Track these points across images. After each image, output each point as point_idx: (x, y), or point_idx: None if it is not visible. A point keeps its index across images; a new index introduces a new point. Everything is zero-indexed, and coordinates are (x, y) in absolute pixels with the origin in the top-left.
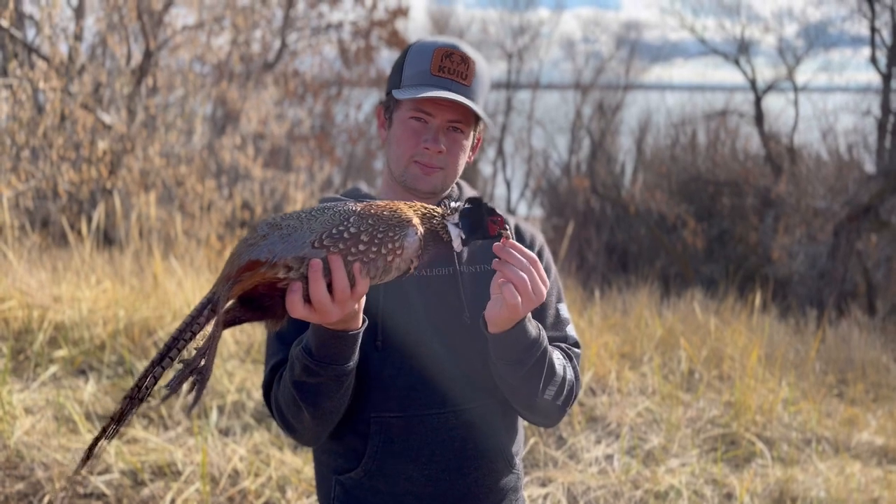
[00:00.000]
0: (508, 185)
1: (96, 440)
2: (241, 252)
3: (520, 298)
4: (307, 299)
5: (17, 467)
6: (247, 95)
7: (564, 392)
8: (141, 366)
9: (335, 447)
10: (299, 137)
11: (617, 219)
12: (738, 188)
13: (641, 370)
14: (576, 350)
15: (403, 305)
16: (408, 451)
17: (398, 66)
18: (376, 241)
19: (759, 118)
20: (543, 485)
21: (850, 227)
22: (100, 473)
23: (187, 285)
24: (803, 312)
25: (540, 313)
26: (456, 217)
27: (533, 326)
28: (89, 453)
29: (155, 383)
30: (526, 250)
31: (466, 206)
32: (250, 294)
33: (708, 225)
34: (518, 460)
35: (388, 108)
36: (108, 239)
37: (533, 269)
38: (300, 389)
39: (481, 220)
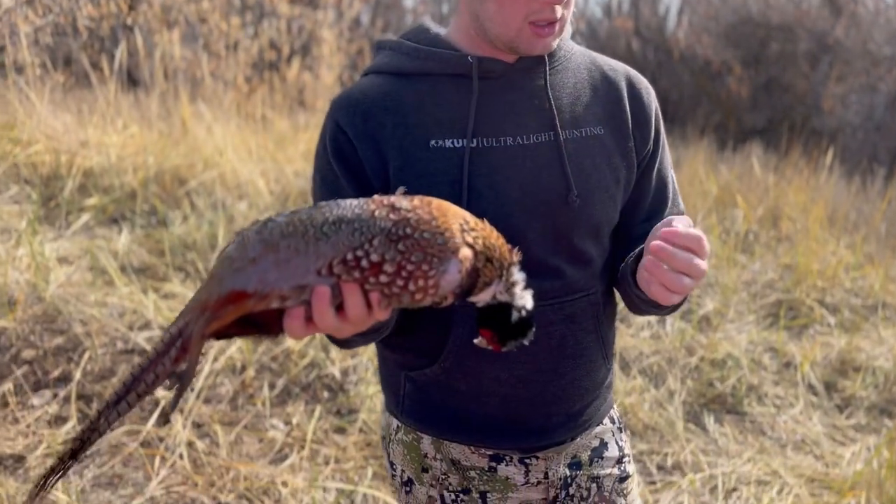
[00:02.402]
0: None
1: (46, 477)
2: (222, 275)
3: (675, 298)
4: (310, 319)
5: (54, 321)
6: None
7: None
8: (175, 216)
9: (405, 343)
10: None
11: (659, 64)
12: (791, 33)
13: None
14: None
15: (493, 180)
16: None
17: None
18: (404, 273)
19: None
20: None
21: None
22: (140, 329)
23: (217, 131)
24: (872, 170)
25: (661, 192)
26: (518, 292)
27: None
28: (39, 490)
29: (109, 427)
30: (689, 234)
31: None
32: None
33: (755, 72)
34: (612, 353)
35: None
36: (132, 80)
37: (695, 264)
38: (331, 339)
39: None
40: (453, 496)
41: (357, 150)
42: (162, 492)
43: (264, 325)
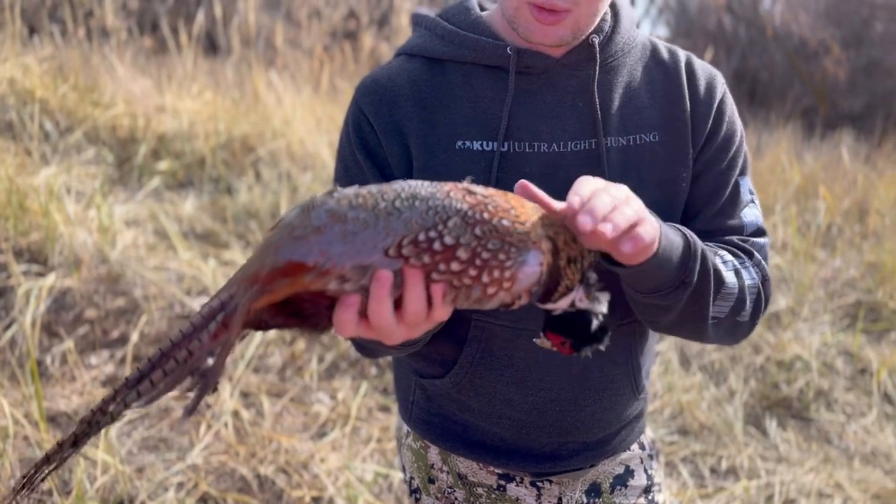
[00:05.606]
0: (632, 0)
1: (41, 463)
2: (279, 244)
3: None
4: (363, 313)
5: (117, 282)
6: None
7: (747, 302)
8: (240, 184)
9: (420, 348)
10: None
11: (751, 42)
12: None
13: (773, 221)
14: (757, 240)
15: None
16: (511, 369)
17: None
18: (478, 262)
19: None
20: None
21: None
22: (197, 294)
23: (286, 101)
24: None
25: (712, 196)
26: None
27: (674, 238)
28: (31, 477)
29: (125, 408)
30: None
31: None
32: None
33: (855, 53)
34: (647, 382)
35: None
36: (213, 46)
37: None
38: (357, 344)
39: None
40: None
41: (381, 143)
42: (203, 459)
43: (311, 315)
